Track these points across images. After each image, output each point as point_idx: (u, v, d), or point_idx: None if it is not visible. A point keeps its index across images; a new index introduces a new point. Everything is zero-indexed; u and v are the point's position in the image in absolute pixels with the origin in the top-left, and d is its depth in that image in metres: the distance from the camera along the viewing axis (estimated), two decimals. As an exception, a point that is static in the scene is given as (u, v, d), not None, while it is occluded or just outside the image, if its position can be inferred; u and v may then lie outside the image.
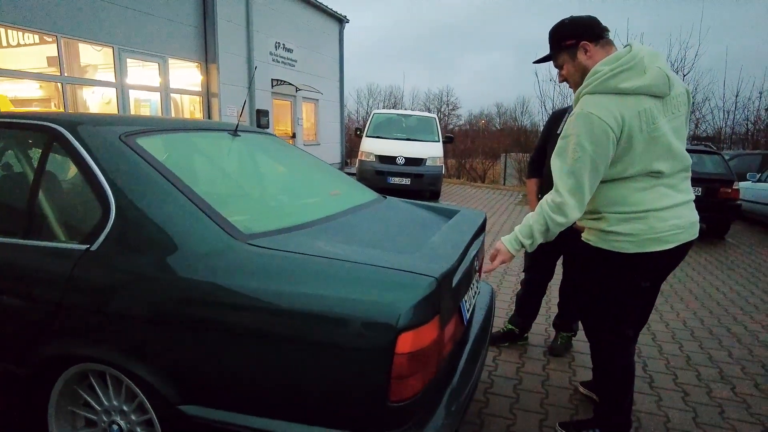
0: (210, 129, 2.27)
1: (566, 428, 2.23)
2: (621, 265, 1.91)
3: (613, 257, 1.90)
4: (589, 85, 1.80)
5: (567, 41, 1.90)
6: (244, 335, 1.37)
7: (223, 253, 1.44)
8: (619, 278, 1.95)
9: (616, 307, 2.01)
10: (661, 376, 2.85)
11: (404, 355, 1.28)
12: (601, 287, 2.03)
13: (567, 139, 1.79)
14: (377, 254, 1.49)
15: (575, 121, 1.77)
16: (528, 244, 1.90)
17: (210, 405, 1.43)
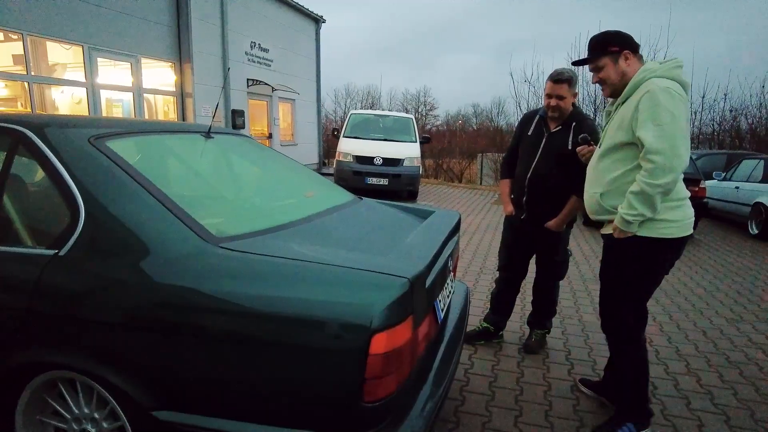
0: (182, 131, 2.25)
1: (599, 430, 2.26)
2: (665, 250, 2.11)
3: (659, 243, 2.08)
4: (658, 70, 2.05)
5: (612, 47, 2.14)
6: (216, 339, 1.36)
7: (194, 257, 1.43)
8: (662, 262, 2.16)
9: (645, 291, 2.22)
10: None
11: (378, 356, 1.29)
12: (638, 275, 2.17)
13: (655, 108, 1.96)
14: (351, 256, 1.50)
15: (660, 95, 1.96)
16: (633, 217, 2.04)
17: (184, 410, 1.41)
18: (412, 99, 37.19)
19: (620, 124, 2.10)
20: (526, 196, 2.96)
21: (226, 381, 1.37)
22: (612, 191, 2.15)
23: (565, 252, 3.02)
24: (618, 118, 2.13)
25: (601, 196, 2.19)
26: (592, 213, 2.30)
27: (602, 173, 2.20)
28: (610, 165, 2.17)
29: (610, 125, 2.19)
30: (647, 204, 2.01)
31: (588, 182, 2.31)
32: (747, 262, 6.02)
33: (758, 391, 2.76)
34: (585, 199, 2.34)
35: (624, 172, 2.11)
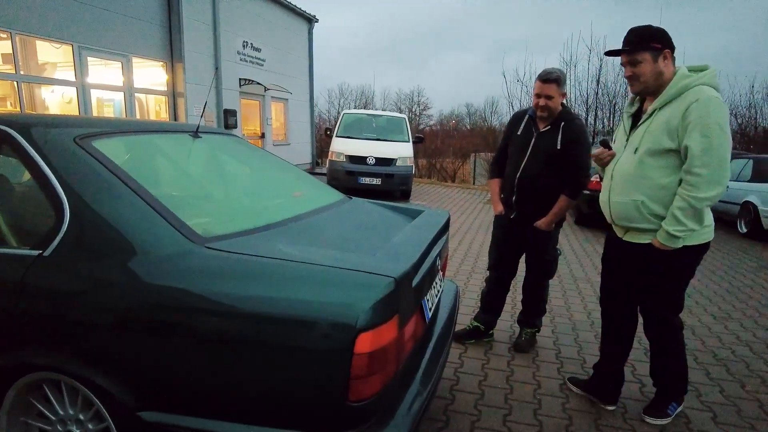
0: (170, 130, 2.24)
1: (652, 414, 2.41)
2: (701, 253, 2.20)
3: (703, 247, 2.17)
4: (704, 77, 2.05)
5: (655, 44, 2.08)
6: (201, 339, 1.36)
7: (180, 257, 1.42)
8: (695, 266, 2.25)
9: (681, 293, 2.29)
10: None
11: (363, 355, 1.30)
12: (686, 280, 2.26)
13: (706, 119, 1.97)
14: (337, 255, 1.50)
15: (710, 106, 1.98)
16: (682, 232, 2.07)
17: (169, 410, 1.41)
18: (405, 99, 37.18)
19: (666, 129, 2.06)
20: (515, 196, 2.97)
21: (210, 381, 1.37)
22: (655, 199, 2.11)
23: (555, 251, 3.03)
24: (662, 122, 2.08)
25: (642, 203, 2.13)
26: (625, 219, 2.23)
27: (644, 179, 2.13)
28: (655, 171, 2.11)
29: (649, 128, 2.12)
30: (696, 218, 2.05)
31: (619, 187, 2.23)
32: (736, 260, 6.07)
33: (745, 389, 2.78)
34: (615, 204, 2.25)
35: (672, 181, 2.08)
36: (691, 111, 1.99)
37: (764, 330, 3.73)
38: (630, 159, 2.19)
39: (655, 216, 2.13)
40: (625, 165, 2.21)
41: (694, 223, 2.05)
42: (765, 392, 2.75)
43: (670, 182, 2.09)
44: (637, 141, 2.17)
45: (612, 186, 2.27)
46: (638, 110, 2.31)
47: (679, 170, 2.08)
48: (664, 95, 2.10)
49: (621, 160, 2.25)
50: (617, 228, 2.35)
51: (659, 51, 2.09)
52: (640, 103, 2.31)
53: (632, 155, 2.18)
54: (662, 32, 2.11)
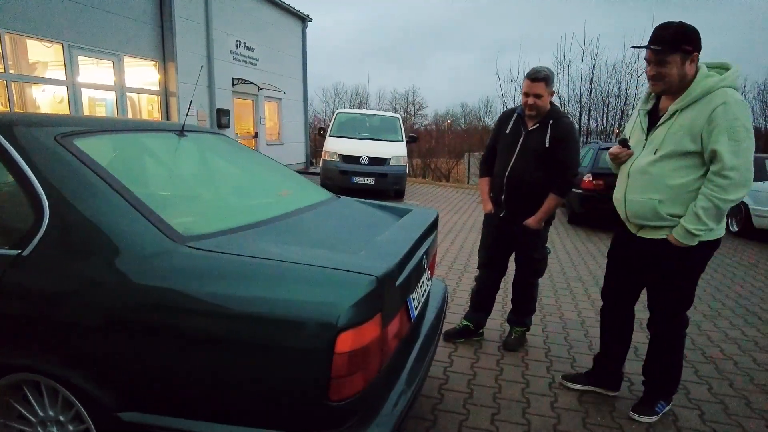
0: (155, 129, 2.22)
1: (640, 411, 2.42)
2: (713, 250, 2.21)
3: (711, 245, 2.18)
4: (727, 79, 2.03)
5: (687, 46, 2.03)
6: (181, 339, 1.35)
7: (159, 256, 1.41)
8: (707, 261, 2.26)
9: (693, 289, 2.30)
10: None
11: (344, 355, 1.29)
12: (692, 276, 2.26)
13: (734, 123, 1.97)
14: (319, 254, 1.49)
15: (737, 110, 1.98)
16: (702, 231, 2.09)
17: (149, 411, 1.40)
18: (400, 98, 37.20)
19: (689, 131, 2.04)
20: (504, 194, 2.97)
21: (189, 381, 1.35)
22: (674, 199, 2.11)
23: (544, 249, 3.03)
24: (685, 125, 2.06)
25: (660, 202, 2.13)
26: (641, 218, 2.23)
27: (661, 179, 2.13)
28: (672, 171, 2.11)
29: (671, 130, 2.11)
30: (717, 218, 2.07)
31: (636, 186, 2.22)
32: (726, 259, 6.10)
33: (732, 386, 2.79)
34: (631, 202, 2.25)
35: (689, 181, 2.09)
36: (717, 114, 1.97)
37: (753, 328, 3.75)
38: (649, 159, 2.17)
39: (671, 215, 2.14)
40: (642, 164, 2.20)
41: (713, 223, 2.08)
42: (753, 390, 2.76)
43: (688, 182, 2.10)
44: (658, 142, 2.15)
45: (628, 184, 2.26)
46: (654, 108, 2.26)
47: (696, 170, 2.08)
48: (686, 96, 2.07)
49: (638, 160, 2.23)
50: (631, 225, 2.33)
51: (689, 54, 2.04)
52: (656, 99, 2.27)
53: (651, 155, 2.17)
54: (696, 34, 2.06)
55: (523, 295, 3.13)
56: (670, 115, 2.14)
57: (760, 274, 5.39)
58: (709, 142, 2.01)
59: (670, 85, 2.11)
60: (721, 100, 1.99)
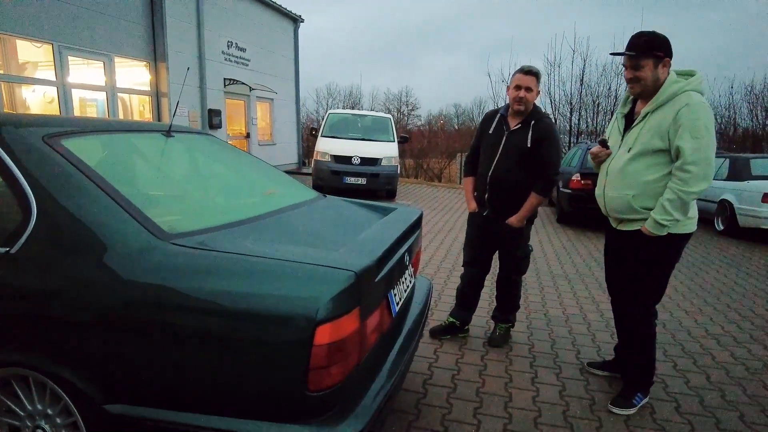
0: (143, 130, 2.26)
1: (618, 404, 2.50)
2: (684, 242, 2.38)
3: (682, 238, 2.35)
4: (692, 83, 2.23)
5: (659, 52, 2.24)
6: (165, 333, 1.39)
7: (145, 253, 1.45)
8: (679, 254, 2.42)
9: (666, 281, 2.46)
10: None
11: (322, 346, 1.34)
12: (671, 266, 2.43)
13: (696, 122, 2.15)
14: (300, 250, 1.55)
15: (698, 110, 2.16)
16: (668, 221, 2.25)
17: (134, 403, 1.44)
18: (394, 99, 37.26)
19: (657, 131, 2.23)
20: (488, 193, 3.03)
21: (173, 373, 1.40)
22: (645, 193, 2.30)
23: (527, 247, 3.10)
24: (654, 125, 2.25)
25: (634, 197, 2.32)
26: (618, 212, 2.42)
27: (634, 176, 2.32)
28: (644, 169, 2.30)
29: (642, 131, 2.29)
30: (682, 209, 2.24)
31: (613, 183, 2.40)
32: (711, 257, 6.21)
33: (709, 380, 2.87)
34: (609, 198, 2.43)
35: (659, 177, 2.27)
36: (681, 114, 2.17)
37: (733, 324, 3.83)
38: (624, 157, 2.37)
39: (644, 208, 2.32)
40: (619, 163, 2.39)
41: (679, 214, 2.24)
42: (728, 383, 2.84)
43: (658, 178, 2.28)
44: (631, 141, 2.35)
45: (607, 182, 2.45)
46: (630, 111, 2.47)
47: (665, 167, 2.27)
48: (656, 99, 2.27)
49: (615, 158, 2.43)
50: (612, 219, 2.54)
51: (661, 59, 2.25)
52: (632, 104, 2.47)
53: (626, 154, 2.36)
54: (666, 41, 2.28)
55: (506, 293, 3.19)
56: (642, 117, 2.33)
57: (743, 272, 5.49)
58: (674, 140, 2.20)
59: (645, 87, 2.30)
60: (684, 101, 2.19)
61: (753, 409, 2.56)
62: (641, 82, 2.28)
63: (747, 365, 3.09)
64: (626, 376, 2.62)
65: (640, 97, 2.39)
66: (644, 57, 2.24)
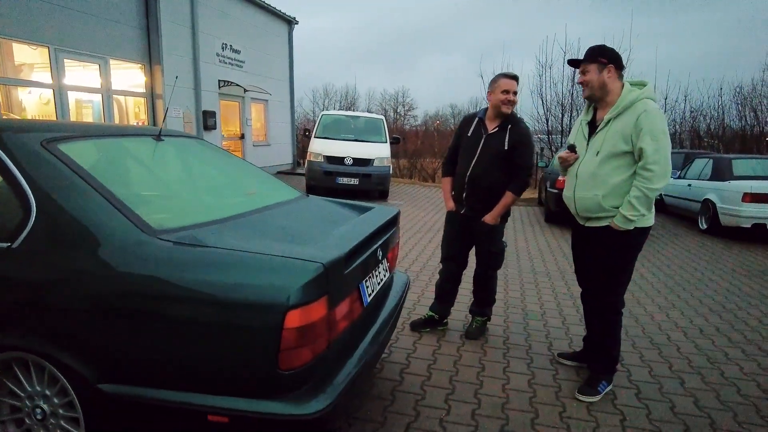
0: (134, 134, 2.41)
1: (584, 392, 2.66)
2: (645, 236, 2.59)
3: (644, 231, 2.56)
4: (645, 92, 2.50)
5: (602, 59, 2.53)
6: (153, 319, 1.56)
7: (134, 247, 1.61)
8: (641, 245, 2.63)
9: (630, 273, 2.68)
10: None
11: (292, 330, 1.50)
12: (635, 257, 2.64)
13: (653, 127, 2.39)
14: (274, 245, 1.71)
15: (655, 116, 2.41)
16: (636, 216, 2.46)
17: (124, 382, 1.60)
18: (390, 99, 37.48)
19: (621, 135, 2.47)
20: (465, 193, 3.20)
21: (161, 355, 1.56)
22: (613, 193, 2.51)
23: (501, 243, 3.27)
24: (618, 130, 2.49)
25: (604, 197, 2.53)
26: (588, 211, 2.61)
27: (605, 177, 2.53)
28: (613, 170, 2.51)
29: (607, 135, 2.52)
30: (647, 205, 2.47)
31: (584, 185, 2.60)
32: (691, 255, 6.40)
33: (671, 368, 3.05)
34: (580, 199, 2.63)
35: (626, 178, 2.50)
36: (641, 120, 2.42)
37: (702, 317, 4.01)
38: (592, 161, 2.59)
39: (612, 207, 2.53)
40: (589, 166, 2.60)
41: (645, 210, 2.47)
42: (689, 371, 3.02)
43: (625, 179, 2.50)
44: (598, 145, 2.57)
45: (576, 184, 2.66)
46: (593, 119, 2.70)
47: (630, 168, 2.50)
48: (616, 107, 2.53)
49: (584, 162, 2.64)
50: (580, 218, 2.73)
51: (604, 65, 2.52)
52: (593, 112, 2.70)
53: (594, 157, 2.58)
54: (612, 52, 2.57)
55: (483, 287, 3.35)
56: (605, 124, 2.57)
57: (719, 269, 5.68)
58: (637, 142, 2.43)
59: (593, 91, 2.59)
60: (642, 108, 2.44)
61: (709, 395, 2.73)
62: (588, 85, 2.58)
63: (709, 356, 3.26)
64: (592, 365, 2.80)
65: (591, 100, 2.65)
66: (590, 62, 2.56)
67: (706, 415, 2.53)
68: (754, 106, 16.33)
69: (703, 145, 16.36)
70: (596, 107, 2.67)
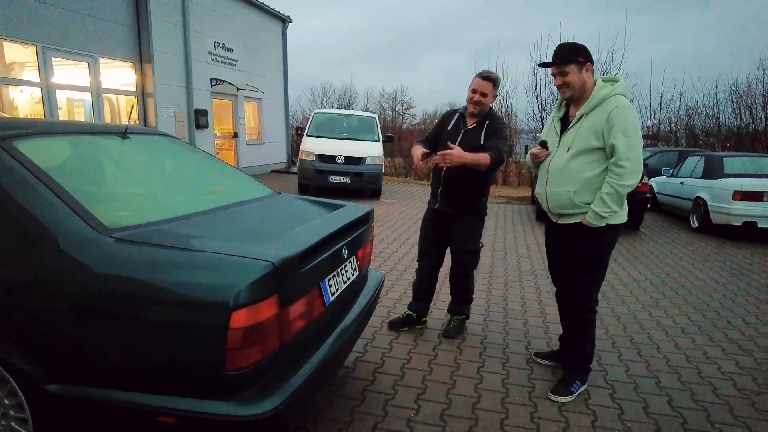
0: (98, 132, 2.38)
1: (557, 392, 2.63)
2: (617, 233, 2.58)
3: (616, 228, 2.54)
4: (618, 88, 2.46)
5: (580, 58, 2.48)
6: (101, 318, 1.53)
7: (85, 245, 1.58)
8: (615, 243, 2.61)
9: (603, 271, 2.66)
10: (538, 352, 3.16)
11: (238, 330, 1.47)
12: (608, 254, 2.61)
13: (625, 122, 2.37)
14: (225, 244, 1.68)
15: (626, 112, 2.39)
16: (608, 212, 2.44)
17: (71, 382, 1.57)
18: (389, 98, 37.43)
19: (593, 131, 2.44)
20: (441, 187, 3.18)
21: (107, 354, 1.53)
22: (585, 189, 2.49)
23: (477, 243, 3.24)
24: (590, 126, 2.46)
25: (575, 193, 2.50)
26: (560, 207, 2.59)
27: (576, 173, 2.50)
28: (583, 166, 2.48)
29: (579, 131, 2.49)
30: (619, 201, 2.45)
31: (555, 181, 2.58)
32: (681, 253, 6.37)
33: (648, 368, 3.02)
34: (552, 195, 2.60)
35: (597, 173, 2.47)
36: (613, 116, 2.39)
37: (685, 316, 3.99)
38: (564, 157, 2.55)
39: (584, 203, 2.50)
40: (560, 162, 2.57)
41: (617, 206, 2.45)
42: (666, 371, 2.99)
43: (596, 174, 2.47)
44: (570, 141, 2.54)
45: (548, 180, 2.63)
46: (565, 115, 2.66)
47: (602, 164, 2.46)
48: (588, 103, 2.49)
49: (555, 158, 2.61)
50: (552, 215, 2.70)
51: (583, 64, 2.48)
52: (566, 108, 2.67)
53: (565, 153, 2.55)
54: (585, 49, 2.52)
55: (458, 286, 3.33)
56: (577, 120, 2.53)
57: (707, 268, 5.65)
58: (609, 138, 2.40)
59: (574, 91, 2.53)
60: (614, 104, 2.41)
61: (684, 395, 2.71)
62: (570, 86, 2.52)
63: (688, 354, 3.24)
64: (566, 365, 2.77)
65: (571, 100, 2.59)
66: (568, 64, 2.48)
67: (678, 415, 2.50)
68: (749, 104, 16.30)
69: (699, 144, 16.33)
70: (569, 103, 2.64)
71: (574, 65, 2.48)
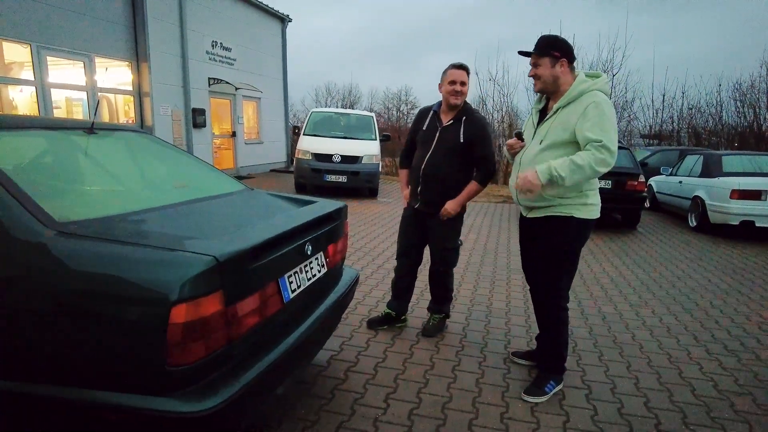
0: (63, 127, 2.36)
1: (530, 393, 2.58)
2: (587, 228, 2.52)
3: (586, 223, 2.50)
4: (597, 84, 2.42)
5: (555, 52, 2.44)
6: (42, 313, 1.50)
7: (31, 238, 1.55)
8: (584, 239, 2.57)
9: (573, 266, 2.61)
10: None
11: (178, 325, 1.44)
12: (576, 249, 2.57)
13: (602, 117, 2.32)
14: (171, 238, 1.65)
15: (603, 105, 2.34)
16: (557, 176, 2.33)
17: (8, 378, 1.54)
18: (393, 97, 37.31)
19: (566, 125, 2.40)
20: (420, 186, 3.13)
21: (46, 350, 1.50)
22: (553, 183, 2.40)
23: (456, 241, 3.19)
24: (564, 119, 2.42)
25: (543, 186, 2.43)
26: (529, 200, 2.54)
27: None
28: (553, 159, 2.41)
29: (553, 124, 2.46)
30: (574, 175, 2.30)
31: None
32: (676, 252, 6.29)
33: (629, 368, 2.96)
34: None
35: None
36: (589, 110, 2.35)
37: (672, 316, 3.92)
38: (535, 149, 2.52)
39: (551, 195, 2.46)
40: (531, 154, 2.54)
41: (570, 180, 2.32)
42: (646, 371, 2.93)
43: None
44: (543, 134, 2.51)
45: (519, 172, 2.56)
46: (545, 107, 2.62)
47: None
48: (566, 97, 2.44)
49: (528, 150, 2.58)
50: (523, 208, 2.68)
51: (557, 59, 2.44)
52: (546, 101, 2.63)
53: (538, 146, 2.52)
54: (564, 43, 2.48)
55: (437, 284, 3.28)
56: (554, 112, 2.49)
57: (701, 267, 5.57)
58: (582, 131, 2.34)
59: (545, 84, 2.49)
60: (591, 99, 2.36)
61: (661, 395, 2.65)
62: (540, 79, 2.50)
63: (671, 355, 3.18)
64: (540, 365, 2.72)
65: (543, 93, 2.56)
66: (542, 56, 2.46)
67: (653, 416, 2.45)
68: (753, 103, 16.13)
69: (703, 143, 16.17)
70: (548, 96, 2.60)
71: (547, 59, 2.44)
